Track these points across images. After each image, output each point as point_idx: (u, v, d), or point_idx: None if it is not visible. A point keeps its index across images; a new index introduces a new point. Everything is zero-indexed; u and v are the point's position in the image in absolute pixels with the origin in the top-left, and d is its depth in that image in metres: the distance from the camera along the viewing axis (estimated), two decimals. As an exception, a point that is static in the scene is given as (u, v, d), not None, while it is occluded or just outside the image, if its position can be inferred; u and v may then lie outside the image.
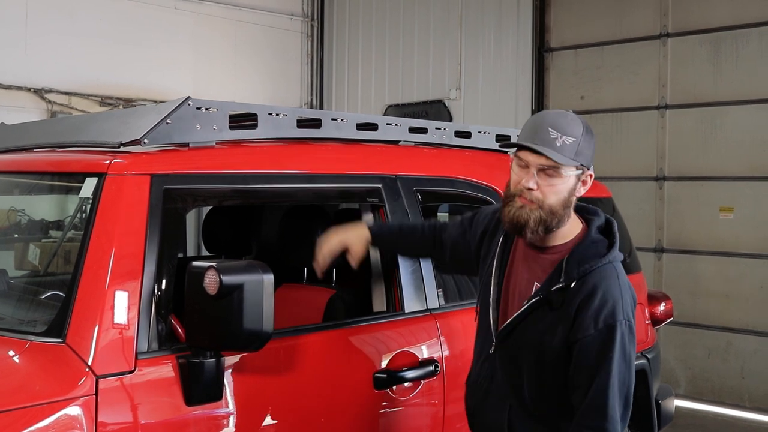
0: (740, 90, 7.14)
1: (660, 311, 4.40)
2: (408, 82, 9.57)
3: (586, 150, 2.32)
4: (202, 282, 2.27)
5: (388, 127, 3.45)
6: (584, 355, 2.26)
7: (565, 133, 2.29)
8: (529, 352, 2.38)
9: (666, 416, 4.31)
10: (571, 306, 2.29)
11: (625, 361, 2.26)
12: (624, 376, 2.26)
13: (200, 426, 2.42)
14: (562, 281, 2.31)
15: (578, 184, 2.35)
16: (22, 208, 4.45)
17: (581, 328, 2.26)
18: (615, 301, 2.27)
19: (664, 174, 7.60)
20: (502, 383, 2.48)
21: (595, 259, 2.32)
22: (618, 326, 2.25)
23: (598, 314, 2.25)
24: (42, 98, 8.07)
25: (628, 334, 2.27)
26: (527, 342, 2.38)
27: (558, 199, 2.31)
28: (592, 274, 2.30)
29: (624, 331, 2.26)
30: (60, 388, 2.20)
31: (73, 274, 2.39)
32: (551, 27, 8.38)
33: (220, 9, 9.43)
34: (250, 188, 2.83)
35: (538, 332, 2.35)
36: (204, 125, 2.73)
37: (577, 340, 2.27)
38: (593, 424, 2.24)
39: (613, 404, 2.23)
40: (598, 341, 2.25)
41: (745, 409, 7.07)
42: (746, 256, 7.13)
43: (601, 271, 2.30)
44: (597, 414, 2.23)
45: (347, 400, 2.83)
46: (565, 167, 2.29)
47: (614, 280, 2.30)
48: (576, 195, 2.36)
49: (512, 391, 2.44)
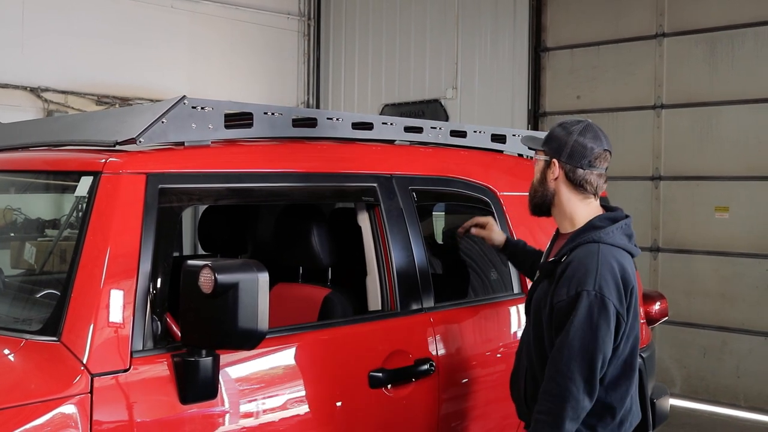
0: (736, 90, 7.16)
1: (655, 310, 4.41)
2: (404, 81, 9.57)
3: (555, 141, 2.68)
4: (197, 281, 2.27)
5: (383, 126, 3.45)
6: (557, 319, 2.51)
7: (548, 129, 2.77)
8: (532, 320, 2.69)
9: (661, 415, 4.31)
10: (556, 276, 2.58)
11: (591, 328, 2.44)
12: (586, 342, 2.43)
13: (195, 424, 2.43)
14: (555, 255, 2.64)
15: (548, 170, 2.70)
16: (18, 207, 4.45)
17: (557, 294, 2.53)
18: (587, 272, 2.49)
19: (660, 174, 7.61)
20: (523, 349, 2.78)
21: (584, 237, 2.59)
22: (585, 294, 2.45)
23: (570, 281, 2.50)
24: (38, 97, 8.06)
25: (598, 306, 2.45)
26: (531, 310, 2.72)
27: (535, 179, 2.76)
28: (579, 248, 2.57)
29: (592, 300, 2.45)
30: (55, 387, 2.20)
31: (68, 272, 2.39)
32: (547, 27, 8.39)
33: (216, 8, 9.43)
34: (245, 187, 2.84)
35: (537, 300, 2.67)
36: (199, 124, 2.73)
37: (554, 306, 2.54)
38: (548, 374, 2.48)
39: (568, 362, 2.43)
40: (566, 306, 2.48)
41: (740, 408, 7.08)
42: (741, 255, 7.14)
43: (585, 247, 2.56)
44: (552, 367, 2.47)
45: (342, 399, 2.84)
46: (538, 152, 2.76)
47: (593, 255, 2.52)
48: (550, 180, 2.69)
49: (527, 359, 2.71)
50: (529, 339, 2.70)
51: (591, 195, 2.67)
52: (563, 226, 2.73)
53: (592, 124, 2.69)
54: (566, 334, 2.44)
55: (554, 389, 2.44)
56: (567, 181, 2.66)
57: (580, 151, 2.63)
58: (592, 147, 2.63)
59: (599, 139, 2.65)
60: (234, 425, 2.53)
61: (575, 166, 2.64)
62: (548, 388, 2.46)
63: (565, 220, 2.71)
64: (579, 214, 2.68)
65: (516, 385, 2.81)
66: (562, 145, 2.65)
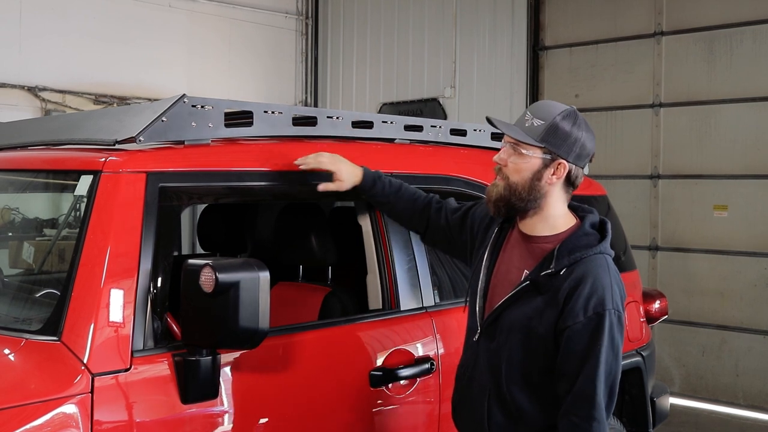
0: (734, 88, 7.16)
1: (654, 309, 4.41)
2: (403, 80, 9.57)
3: (560, 139, 2.34)
4: (198, 280, 2.26)
5: (383, 125, 3.45)
6: (573, 343, 2.27)
7: (537, 117, 2.37)
8: (515, 338, 2.37)
9: (661, 414, 4.32)
10: (560, 293, 2.29)
11: (613, 350, 2.27)
12: (611, 366, 2.26)
13: (196, 424, 2.42)
14: (552, 267, 2.32)
15: (546, 170, 2.37)
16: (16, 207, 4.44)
17: (571, 315, 2.27)
18: (604, 290, 2.27)
19: (659, 172, 7.61)
20: (484, 371, 2.46)
21: (587, 249, 2.33)
22: (607, 314, 2.25)
23: (588, 302, 2.26)
24: (36, 96, 8.05)
25: (617, 324, 2.28)
26: (513, 327, 2.38)
27: (521, 178, 2.36)
28: (583, 262, 2.31)
29: (613, 320, 2.26)
30: (56, 386, 2.19)
31: (68, 271, 2.39)
32: (546, 25, 8.39)
33: (214, 7, 9.42)
34: (245, 186, 2.83)
35: (526, 317, 2.35)
36: (199, 123, 2.72)
37: (566, 327, 2.27)
38: (581, 412, 2.24)
39: (600, 393, 2.23)
40: (587, 329, 2.26)
41: (739, 406, 7.08)
42: (740, 254, 7.14)
43: (591, 260, 2.31)
44: (585, 402, 2.24)
45: (343, 398, 2.83)
46: (527, 147, 2.35)
47: (605, 270, 2.31)
48: (545, 181, 2.37)
49: (492, 380, 2.42)
50: (500, 358, 2.39)
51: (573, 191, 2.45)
52: (538, 228, 2.41)
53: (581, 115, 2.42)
54: (596, 364, 2.23)
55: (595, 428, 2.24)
56: (564, 182, 2.39)
57: (584, 150, 2.39)
58: (591, 146, 2.41)
59: (592, 134, 2.42)
60: (234, 425, 2.52)
61: (580, 166, 2.40)
62: (585, 427, 2.24)
63: (545, 224, 2.41)
64: (560, 216, 2.42)
65: (469, 408, 2.50)
66: (571, 144, 2.35)
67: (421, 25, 9.39)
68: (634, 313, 4.16)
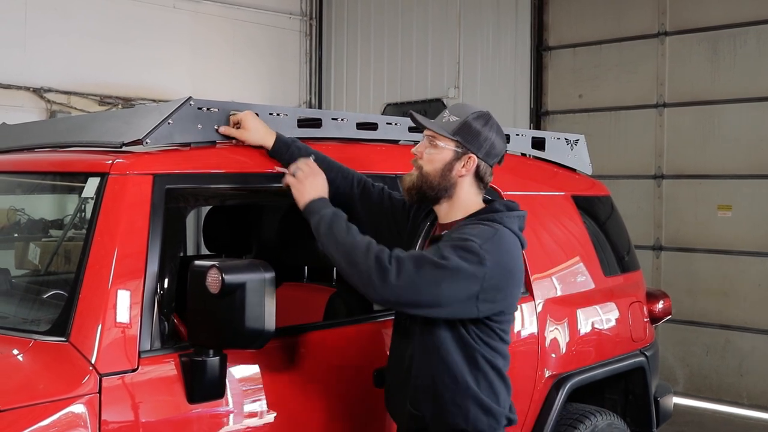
0: (738, 88, 7.16)
1: (658, 309, 4.42)
2: (406, 80, 9.58)
3: (471, 136, 2.54)
4: (204, 281, 2.28)
5: (388, 126, 3.46)
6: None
7: (453, 114, 2.59)
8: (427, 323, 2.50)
9: (664, 414, 4.32)
10: None
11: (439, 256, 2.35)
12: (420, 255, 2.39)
13: (202, 424, 2.44)
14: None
15: (457, 162, 2.55)
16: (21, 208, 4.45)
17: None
18: (470, 233, 2.40)
19: (663, 172, 7.62)
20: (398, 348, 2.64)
21: (482, 218, 2.50)
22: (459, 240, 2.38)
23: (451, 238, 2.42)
24: (41, 97, 8.08)
25: (458, 243, 2.37)
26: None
27: (433, 168, 2.56)
28: (471, 226, 2.47)
29: (455, 240, 2.38)
30: (64, 387, 2.21)
31: (76, 273, 2.40)
32: (549, 26, 8.39)
33: (218, 8, 9.44)
34: (251, 188, 2.84)
35: None
36: (205, 125, 2.74)
37: None
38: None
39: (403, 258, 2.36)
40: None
41: (743, 406, 7.09)
42: (744, 254, 7.15)
43: (481, 225, 2.46)
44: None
45: (348, 398, 2.85)
46: (442, 139, 2.55)
47: (488, 233, 2.42)
48: (456, 173, 2.54)
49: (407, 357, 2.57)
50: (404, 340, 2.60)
51: (485, 188, 2.63)
52: (451, 215, 2.60)
53: (494, 118, 2.62)
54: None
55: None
56: (473, 175, 2.58)
57: (494, 149, 2.58)
58: (501, 146, 2.60)
59: (502, 136, 2.61)
60: (240, 425, 2.54)
61: (488, 163, 2.58)
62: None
63: (458, 210, 2.59)
64: (473, 204, 2.59)
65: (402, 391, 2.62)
66: (481, 141, 2.56)
67: (425, 25, 9.40)
68: (637, 313, 4.17)
